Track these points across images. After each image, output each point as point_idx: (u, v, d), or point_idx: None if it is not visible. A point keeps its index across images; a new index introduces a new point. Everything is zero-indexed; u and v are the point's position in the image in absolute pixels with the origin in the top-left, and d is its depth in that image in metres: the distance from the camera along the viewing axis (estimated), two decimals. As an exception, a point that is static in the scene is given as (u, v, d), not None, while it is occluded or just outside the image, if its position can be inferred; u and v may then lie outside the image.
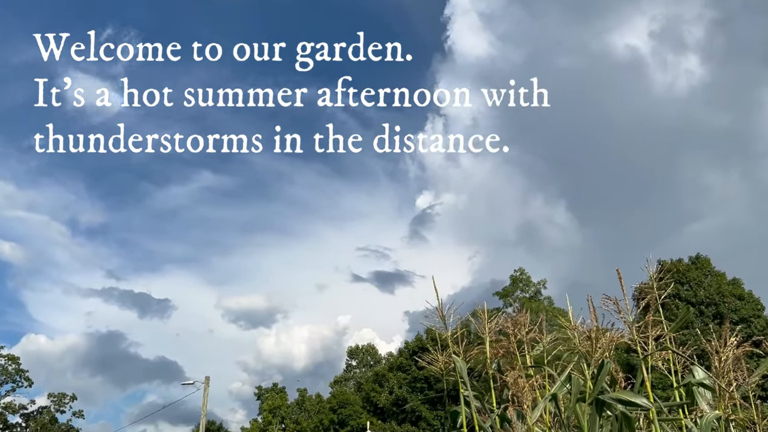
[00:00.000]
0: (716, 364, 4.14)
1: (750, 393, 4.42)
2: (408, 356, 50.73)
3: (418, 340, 50.42)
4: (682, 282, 39.97)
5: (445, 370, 4.97)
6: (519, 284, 51.80)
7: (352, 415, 48.60)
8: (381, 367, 55.21)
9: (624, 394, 3.99)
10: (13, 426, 47.15)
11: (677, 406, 4.51)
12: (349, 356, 63.52)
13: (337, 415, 49.21)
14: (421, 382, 48.29)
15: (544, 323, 5.01)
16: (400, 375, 49.95)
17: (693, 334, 27.13)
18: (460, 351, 4.81)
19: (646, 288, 4.94)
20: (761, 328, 36.32)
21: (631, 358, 21.73)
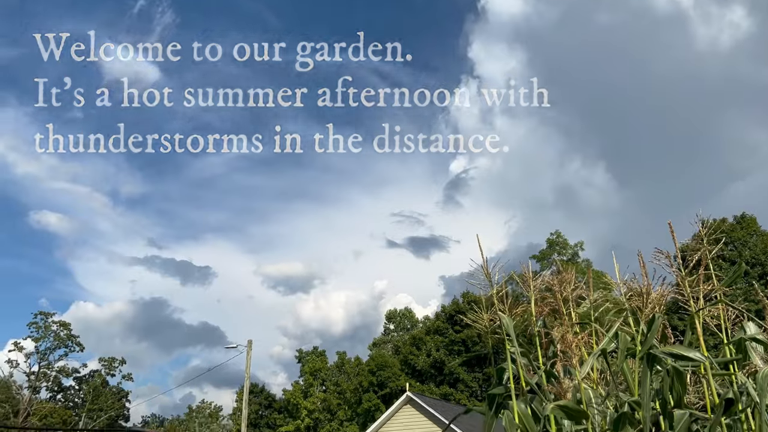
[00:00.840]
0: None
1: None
2: (445, 320, 51.11)
3: (454, 304, 50.68)
4: (727, 242, 39.14)
5: (489, 328, 4.98)
6: (555, 247, 51.38)
7: (390, 378, 49.41)
8: (418, 331, 55.80)
9: (676, 348, 3.95)
10: (67, 389, 49.33)
11: (729, 362, 4.44)
12: (387, 320, 64.31)
13: (376, 377, 50.09)
14: (459, 344, 48.68)
15: (591, 280, 4.95)
16: (438, 338, 50.43)
17: (741, 293, 26.58)
18: (505, 309, 4.80)
19: (692, 246, 4.83)
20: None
21: (672, 319, 21.47)
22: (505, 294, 5.06)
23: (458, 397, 45.73)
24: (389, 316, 64.46)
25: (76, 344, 46.57)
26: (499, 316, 4.71)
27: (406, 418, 27.04)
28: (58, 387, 47.78)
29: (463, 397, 46.22)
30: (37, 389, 44.40)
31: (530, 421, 4.36)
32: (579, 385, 4.15)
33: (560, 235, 51.56)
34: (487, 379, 44.67)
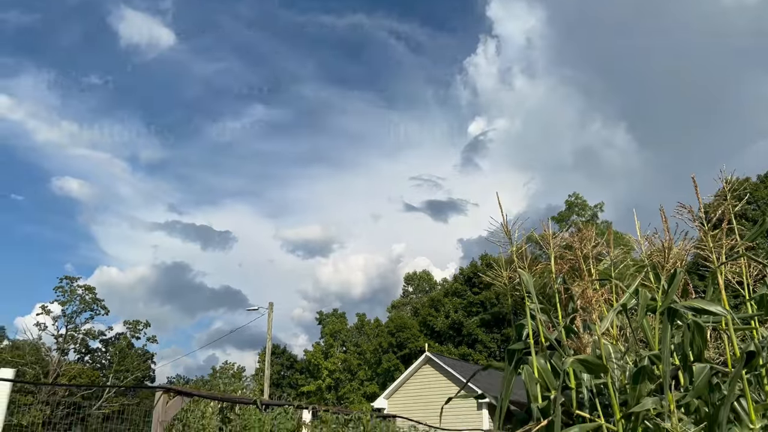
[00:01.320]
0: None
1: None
2: (463, 282, 51.31)
3: (472, 266, 50.78)
4: (750, 201, 38.55)
5: (509, 286, 5.00)
6: (575, 209, 50.97)
7: (410, 338, 49.98)
8: (436, 293, 56.15)
9: (697, 303, 3.94)
10: (94, 350, 50.64)
11: (750, 318, 4.43)
12: (406, 282, 64.72)
13: (395, 338, 50.71)
14: (477, 306, 48.96)
15: (611, 237, 4.93)
16: (456, 300, 50.73)
17: (764, 252, 26.22)
18: (524, 266, 4.81)
19: (715, 204, 4.77)
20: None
21: (693, 279, 21.31)
22: (524, 252, 5.06)
23: (476, 358, 46.20)
24: (408, 279, 64.84)
25: (101, 308, 47.56)
26: (518, 273, 4.73)
27: (425, 377, 27.44)
28: (86, 349, 49.04)
29: (482, 357, 46.68)
30: (65, 351, 45.66)
31: (550, 376, 4.41)
32: (599, 340, 4.17)
33: (579, 197, 51.08)
34: (506, 340, 44.98)
